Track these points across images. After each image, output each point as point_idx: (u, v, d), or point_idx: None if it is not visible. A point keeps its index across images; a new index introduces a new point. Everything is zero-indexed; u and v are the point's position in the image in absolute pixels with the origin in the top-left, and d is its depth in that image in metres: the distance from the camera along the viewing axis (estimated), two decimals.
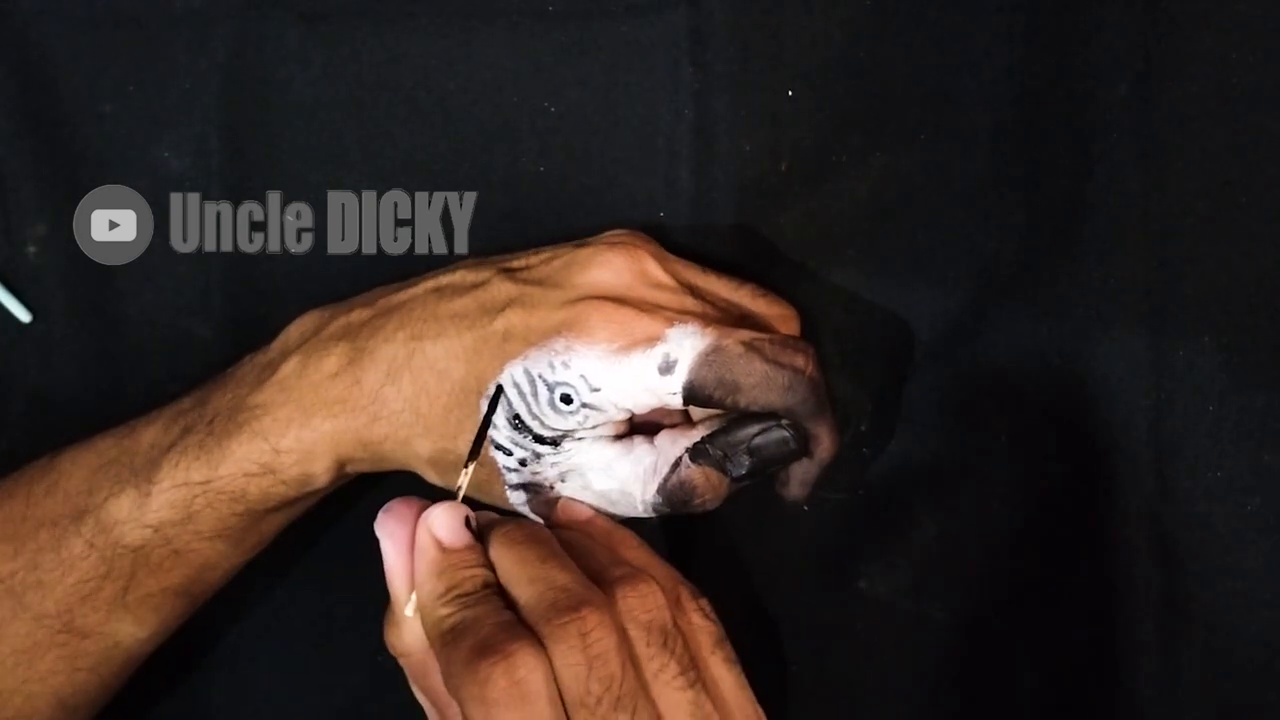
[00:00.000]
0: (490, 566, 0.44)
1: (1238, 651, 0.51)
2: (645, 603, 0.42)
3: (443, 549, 0.44)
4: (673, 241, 0.51)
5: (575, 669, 0.40)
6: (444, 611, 0.42)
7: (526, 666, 0.39)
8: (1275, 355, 0.51)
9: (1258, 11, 0.51)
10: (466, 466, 0.45)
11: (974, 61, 0.52)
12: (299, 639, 0.55)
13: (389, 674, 0.54)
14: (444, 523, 0.44)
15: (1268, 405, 0.51)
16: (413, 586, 0.44)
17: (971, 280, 0.52)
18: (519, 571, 0.43)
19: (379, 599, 0.55)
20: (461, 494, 0.45)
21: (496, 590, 0.43)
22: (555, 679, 0.40)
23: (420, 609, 0.43)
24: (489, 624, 0.41)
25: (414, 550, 0.44)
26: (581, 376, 0.45)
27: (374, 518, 0.53)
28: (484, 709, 0.39)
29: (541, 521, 0.48)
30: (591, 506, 0.48)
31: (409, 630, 0.44)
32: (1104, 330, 0.52)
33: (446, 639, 0.41)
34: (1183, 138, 0.51)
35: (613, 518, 0.48)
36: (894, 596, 0.53)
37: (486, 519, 0.45)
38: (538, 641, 0.40)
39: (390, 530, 0.44)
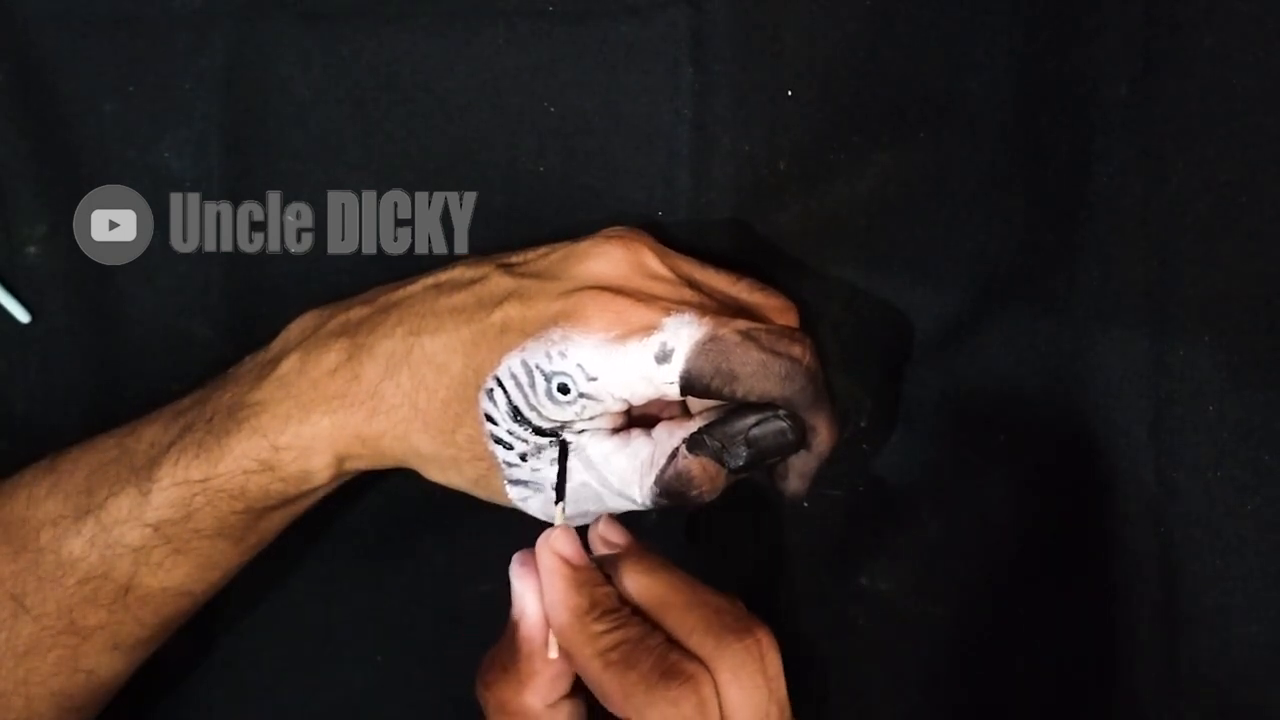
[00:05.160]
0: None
1: (1238, 651, 0.51)
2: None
3: (573, 566, 0.43)
4: (672, 240, 0.51)
5: (757, 692, 0.41)
6: (598, 628, 0.42)
7: (708, 687, 0.40)
8: (1275, 355, 0.51)
9: (1258, 11, 0.51)
10: (558, 504, 0.46)
11: (974, 61, 0.52)
12: (299, 639, 0.55)
13: (389, 674, 0.54)
14: (566, 542, 0.44)
15: (1268, 405, 0.51)
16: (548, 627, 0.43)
17: (971, 280, 0.52)
18: (675, 597, 0.43)
19: (379, 599, 0.55)
20: (560, 521, 0.45)
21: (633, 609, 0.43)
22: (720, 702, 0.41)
23: (565, 629, 0.43)
24: (658, 645, 0.41)
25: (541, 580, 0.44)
26: (578, 365, 0.45)
27: (373, 517, 0.54)
28: None
29: (541, 519, 0.48)
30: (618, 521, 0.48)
31: (544, 682, 0.43)
32: (1104, 330, 0.52)
33: (611, 659, 0.41)
34: (1183, 138, 0.51)
35: (612, 514, 0.48)
36: (895, 594, 0.53)
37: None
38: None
39: (530, 583, 0.44)
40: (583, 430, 0.47)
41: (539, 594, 0.44)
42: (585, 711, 0.44)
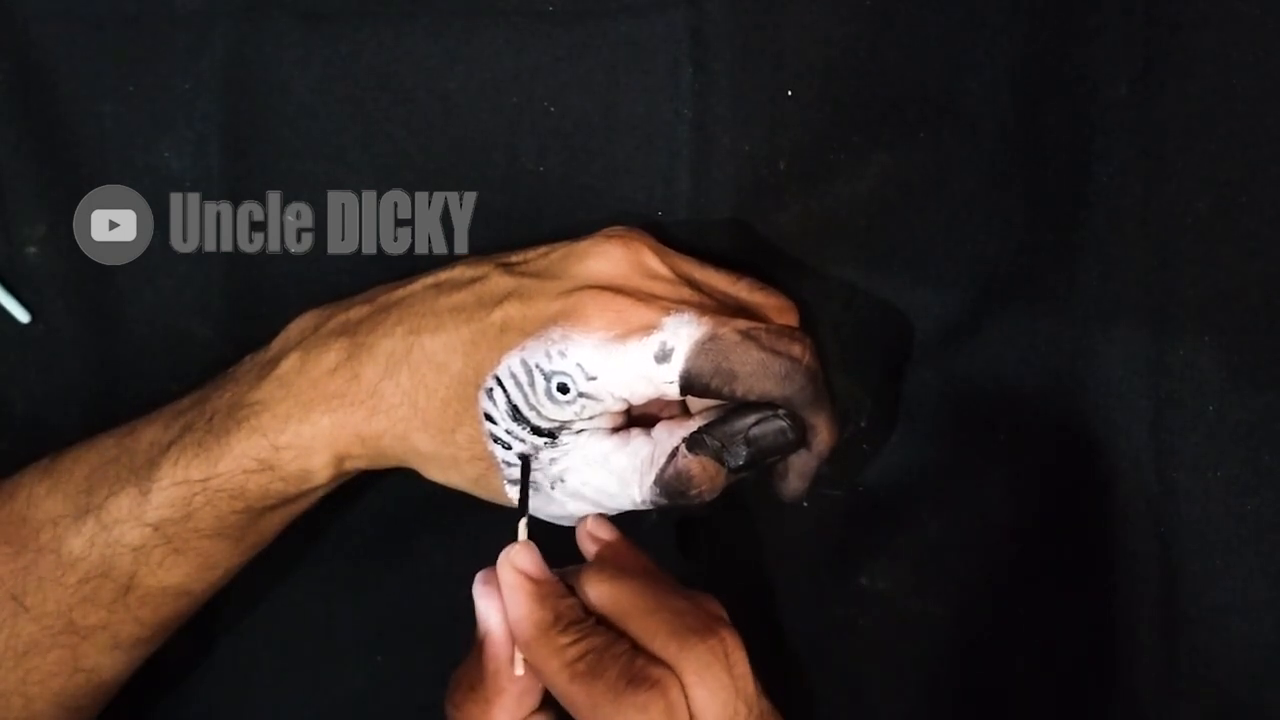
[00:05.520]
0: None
1: (1237, 651, 0.51)
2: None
3: (534, 580, 0.44)
4: (671, 240, 0.51)
5: (723, 691, 0.41)
6: (563, 640, 0.42)
7: (675, 690, 0.41)
8: (1275, 355, 0.51)
9: (1258, 11, 0.51)
10: (519, 520, 0.46)
11: (974, 61, 0.52)
12: (299, 639, 0.55)
13: (389, 674, 0.54)
14: (527, 558, 0.44)
15: (1268, 405, 0.51)
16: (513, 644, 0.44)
17: (971, 280, 0.52)
18: (637, 603, 0.43)
19: (378, 599, 0.55)
20: (522, 537, 0.45)
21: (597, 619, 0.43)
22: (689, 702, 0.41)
23: (530, 643, 0.43)
24: (623, 653, 0.42)
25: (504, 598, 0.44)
26: (578, 365, 0.45)
27: (373, 517, 0.54)
28: None
29: (541, 518, 0.48)
30: (607, 518, 0.48)
31: (511, 700, 0.44)
32: (1104, 330, 0.52)
33: (577, 670, 0.42)
34: (1183, 138, 0.51)
35: (611, 514, 0.48)
36: (895, 593, 0.53)
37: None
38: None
39: (493, 600, 0.44)
40: (582, 430, 0.47)
41: (502, 611, 0.44)
42: None
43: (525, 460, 0.46)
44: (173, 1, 0.53)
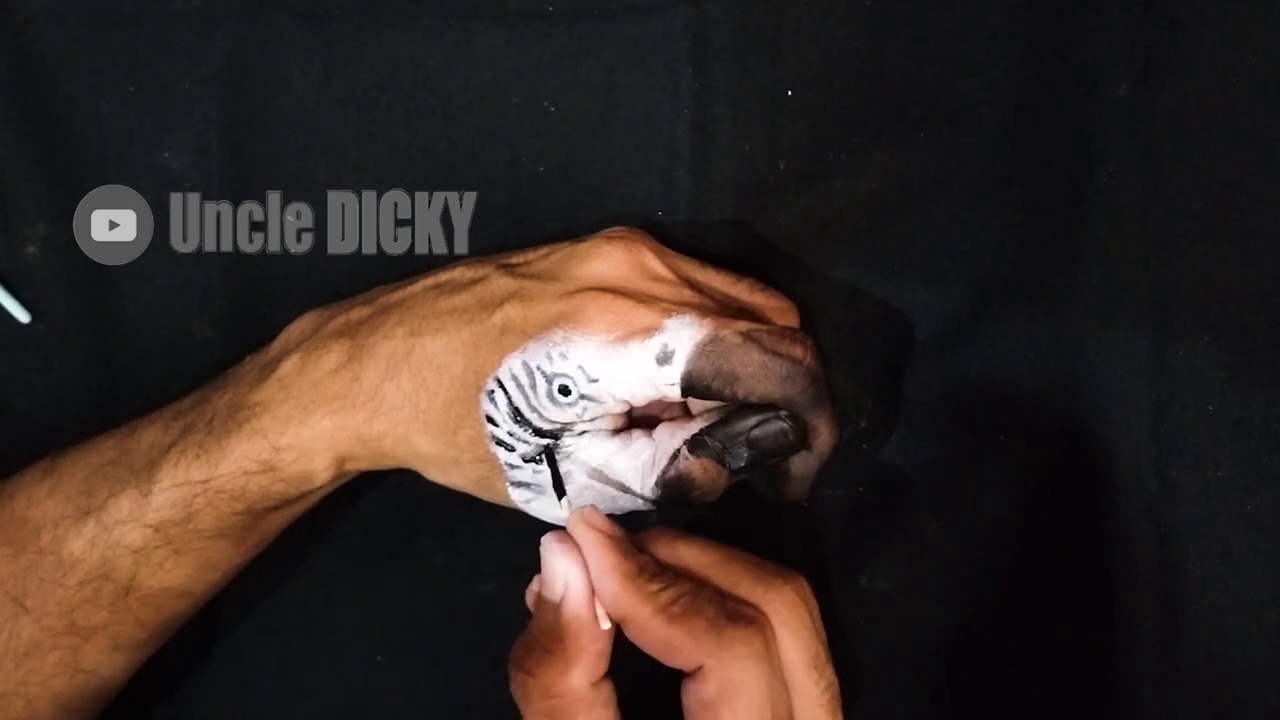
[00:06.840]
0: None
1: (1237, 652, 0.51)
2: None
3: (612, 537, 0.44)
4: (671, 240, 0.51)
5: (805, 632, 0.42)
6: (654, 587, 0.42)
7: (769, 628, 0.42)
8: (1275, 355, 0.51)
9: (1258, 11, 0.51)
10: (561, 499, 0.46)
11: (974, 61, 0.52)
12: (299, 639, 0.55)
13: (389, 674, 0.54)
14: (599, 517, 0.44)
15: (1268, 405, 0.51)
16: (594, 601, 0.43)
17: (971, 280, 0.53)
18: (713, 555, 0.44)
19: (379, 599, 0.55)
20: (568, 515, 0.45)
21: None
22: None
23: (620, 595, 0.42)
24: (714, 596, 0.42)
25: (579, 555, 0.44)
26: (579, 367, 0.45)
27: (373, 517, 0.54)
28: (744, 665, 0.41)
29: (544, 520, 0.48)
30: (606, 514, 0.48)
31: (590, 659, 0.43)
32: (1104, 330, 0.52)
33: (674, 613, 0.42)
34: (1183, 138, 0.51)
35: (612, 514, 0.48)
36: (895, 593, 0.53)
37: None
38: None
39: (572, 557, 0.43)
40: (584, 431, 0.47)
41: (583, 566, 0.43)
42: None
43: (548, 448, 0.47)
44: (173, 1, 0.53)
